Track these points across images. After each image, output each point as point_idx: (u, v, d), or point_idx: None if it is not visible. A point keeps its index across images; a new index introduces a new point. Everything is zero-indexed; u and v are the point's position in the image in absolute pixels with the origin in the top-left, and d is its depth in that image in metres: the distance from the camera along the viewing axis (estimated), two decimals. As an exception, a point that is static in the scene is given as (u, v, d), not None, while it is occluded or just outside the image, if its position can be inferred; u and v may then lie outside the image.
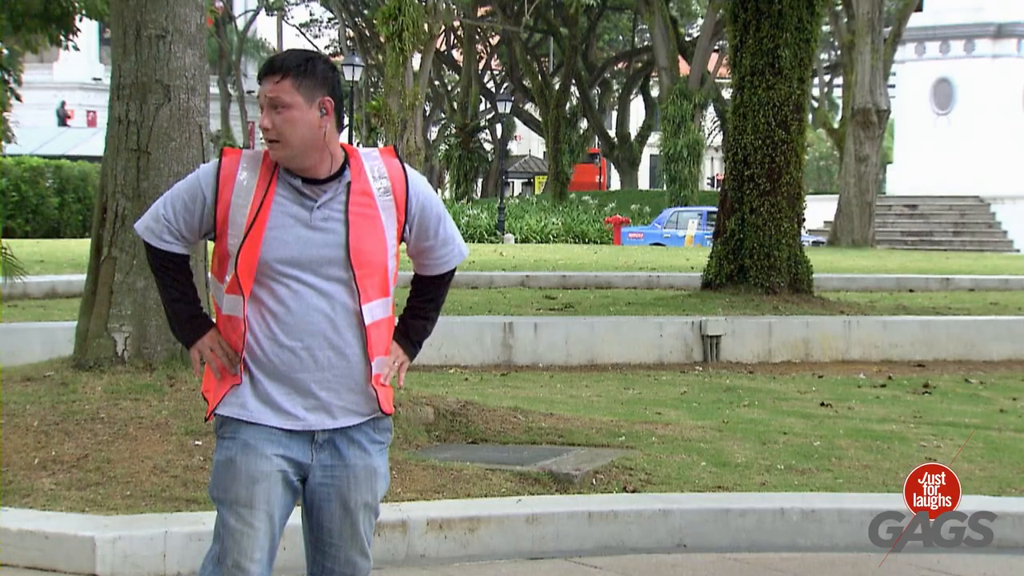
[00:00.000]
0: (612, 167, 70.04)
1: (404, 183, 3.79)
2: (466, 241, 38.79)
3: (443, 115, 68.08)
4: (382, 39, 40.46)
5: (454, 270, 3.95)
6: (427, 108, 58.98)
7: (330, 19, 67.04)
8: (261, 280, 3.65)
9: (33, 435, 6.65)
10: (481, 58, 63.52)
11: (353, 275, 3.67)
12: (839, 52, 49.16)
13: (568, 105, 55.98)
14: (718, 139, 64.75)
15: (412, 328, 3.91)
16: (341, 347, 3.69)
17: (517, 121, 67.34)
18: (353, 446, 3.76)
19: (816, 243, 36.10)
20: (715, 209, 38.90)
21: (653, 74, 57.98)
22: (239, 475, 3.66)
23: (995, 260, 30.00)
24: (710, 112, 59.46)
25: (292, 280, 3.65)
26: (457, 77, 63.43)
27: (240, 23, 64.88)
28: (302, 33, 70.90)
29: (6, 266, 9.80)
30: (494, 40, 63.13)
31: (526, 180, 78.42)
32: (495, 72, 69.17)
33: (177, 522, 5.75)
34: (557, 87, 55.53)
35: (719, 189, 19.60)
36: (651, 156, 73.72)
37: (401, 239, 3.82)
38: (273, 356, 3.67)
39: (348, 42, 58.13)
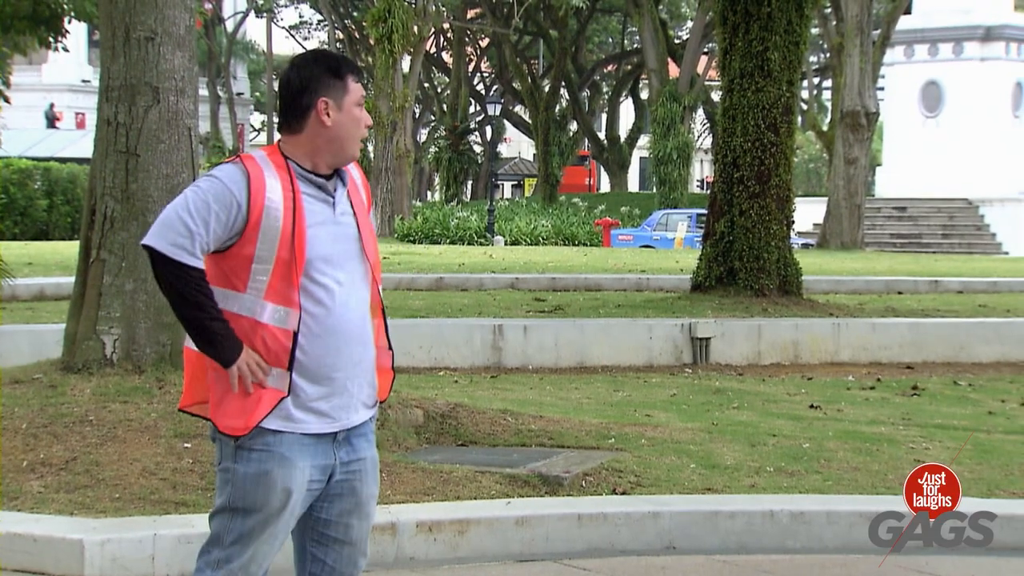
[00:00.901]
0: (602, 169, 70.06)
1: (364, 178, 3.90)
2: (456, 243, 38.71)
3: (433, 117, 68.07)
4: (372, 41, 40.46)
5: None
6: (417, 110, 58.98)
7: (319, 21, 66.99)
8: (303, 281, 3.64)
9: (21, 438, 6.64)
10: (471, 60, 63.54)
11: (369, 266, 3.77)
12: (828, 55, 49.23)
13: (558, 107, 55.99)
14: (707, 141, 64.86)
15: None
16: (366, 340, 3.76)
17: (507, 123, 67.35)
18: (361, 438, 3.81)
19: (805, 245, 36.15)
20: (704, 211, 38.99)
21: (643, 76, 58.01)
22: (274, 488, 3.64)
23: (984, 262, 30.06)
24: (699, 114, 59.57)
25: (328, 278, 3.67)
26: (447, 79, 63.43)
27: (229, 25, 64.82)
28: (291, 35, 70.89)
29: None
30: (484, 42, 63.14)
31: (516, 182, 78.43)
32: (485, 74, 69.19)
33: (166, 525, 5.74)
34: (547, 89, 55.55)
35: (708, 191, 19.63)
36: (641, 158, 73.80)
37: None
38: (315, 359, 3.65)
39: (338, 44, 58.09)
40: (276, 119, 3.89)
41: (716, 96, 49.61)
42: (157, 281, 3.66)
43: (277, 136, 3.85)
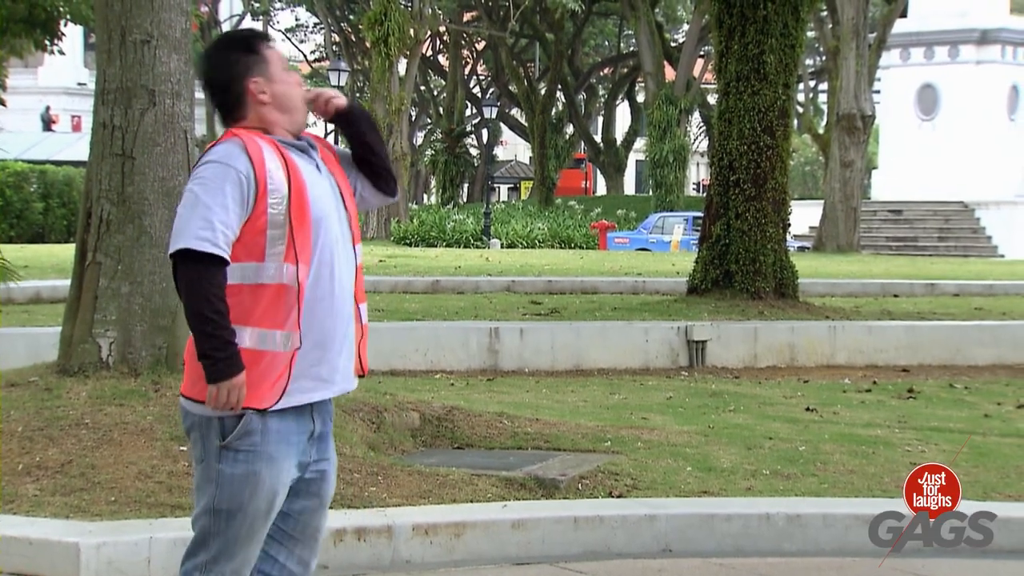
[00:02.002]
0: (598, 172, 70.09)
1: (324, 139, 3.94)
2: (452, 246, 38.72)
3: (429, 120, 68.08)
4: (368, 44, 40.46)
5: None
6: (413, 113, 58.99)
7: (316, 24, 67.00)
8: (312, 240, 3.65)
9: (17, 441, 6.63)
10: (467, 63, 63.54)
11: (348, 218, 3.79)
12: (824, 58, 49.29)
13: (554, 110, 56.01)
14: (704, 144, 64.91)
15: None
16: (353, 294, 3.80)
17: (503, 126, 67.35)
18: (328, 438, 3.84)
19: (801, 248, 36.17)
20: (701, 214, 39.01)
21: (639, 79, 58.04)
22: (262, 489, 3.64)
23: (979, 265, 30.09)
24: (696, 117, 59.59)
25: (328, 235, 3.70)
26: (443, 82, 63.43)
27: (225, 28, 64.83)
28: (288, 38, 70.86)
29: (0, 270, 9.79)
30: (480, 45, 63.16)
31: (512, 185, 78.44)
32: (481, 77, 69.20)
33: (162, 528, 5.73)
34: (543, 92, 55.57)
35: (705, 194, 19.63)
36: (637, 161, 73.81)
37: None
38: (315, 320, 3.66)
39: (334, 47, 58.09)
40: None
41: (712, 99, 49.62)
42: (179, 284, 3.58)
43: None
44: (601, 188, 72.37)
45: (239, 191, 3.58)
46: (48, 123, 54.24)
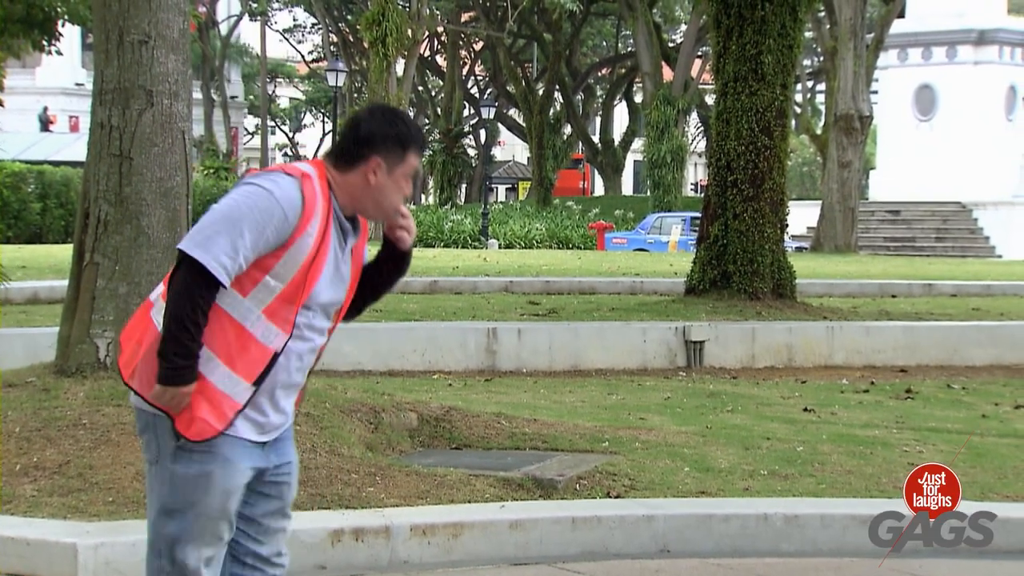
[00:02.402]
0: (596, 173, 70.09)
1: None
2: (450, 246, 38.71)
3: (427, 120, 68.07)
4: (366, 44, 40.46)
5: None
6: (411, 113, 58.91)
7: (313, 24, 67.02)
8: (299, 313, 3.68)
9: (15, 441, 6.63)
10: (465, 64, 63.55)
11: (339, 313, 3.85)
12: (822, 58, 49.32)
13: (552, 111, 56.01)
14: (701, 145, 64.91)
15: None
16: (309, 369, 3.85)
17: (501, 126, 67.38)
18: (287, 441, 3.86)
19: (799, 249, 36.19)
20: (698, 215, 39.02)
21: (637, 80, 58.06)
22: (213, 488, 3.64)
23: (977, 265, 30.11)
24: (693, 118, 59.60)
25: (313, 317, 3.73)
26: (441, 82, 63.44)
27: (223, 28, 64.79)
28: (285, 38, 70.91)
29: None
30: (478, 46, 63.17)
31: (510, 185, 78.45)
32: (479, 77, 69.22)
33: (160, 528, 5.73)
34: (541, 93, 55.58)
35: (703, 195, 19.64)
36: (635, 162, 73.84)
37: None
38: (276, 384, 3.71)
39: (331, 47, 58.10)
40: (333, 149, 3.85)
41: (710, 99, 49.64)
42: (175, 283, 3.57)
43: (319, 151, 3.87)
44: (599, 188, 72.39)
45: (275, 238, 3.59)
46: (46, 123, 54.20)
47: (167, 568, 3.69)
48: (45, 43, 18.27)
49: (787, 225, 16.30)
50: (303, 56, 71.95)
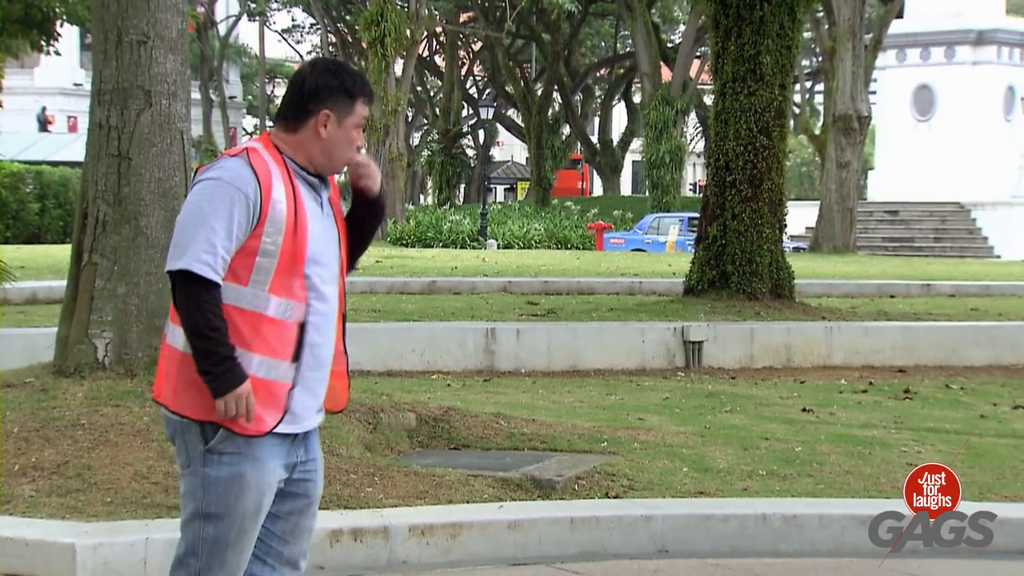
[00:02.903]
0: (594, 173, 70.10)
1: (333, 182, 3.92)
2: (448, 247, 38.67)
3: (425, 121, 68.09)
4: (364, 45, 40.45)
5: None
6: (409, 114, 58.98)
7: (312, 24, 66.98)
8: (299, 281, 3.65)
9: (13, 441, 6.62)
10: (463, 64, 63.52)
11: (341, 268, 3.80)
12: (820, 58, 49.33)
13: (550, 111, 56.00)
14: (700, 145, 64.87)
15: None
16: (335, 340, 3.78)
17: (499, 127, 67.34)
18: (314, 438, 3.84)
19: (797, 249, 36.18)
20: (696, 215, 38.98)
21: (635, 80, 58.04)
22: (248, 491, 3.63)
23: (976, 266, 30.11)
24: (692, 118, 59.56)
25: (319, 276, 3.69)
26: (439, 83, 63.43)
27: (222, 28, 64.77)
28: (284, 39, 70.84)
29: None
30: (476, 46, 63.14)
31: (508, 186, 78.45)
32: (477, 78, 69.19)
33: (158, 529, 5.73)
34: (539, 93, 55.56)
35: (701, 195, 19.64)
36: (633, 162, 73.83)
37: None
38: (309, 359, 3.68)
39: (330, 47, 58.08)
40: (275, 112, 3.88)
41: (709, 100, 49.65)
42: (178, 301, 3.58)
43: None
44: (598, 189, 72.39)
45: (245, 217, 3.59)
46: (44, 124, 54.18)
47: (187, 572, 3.68)
48: (44, 43, 18.28)
49: (786, 225, 16.30)
50: (302, 56, 71.87)
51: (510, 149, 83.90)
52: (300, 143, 3.72)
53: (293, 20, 69.71)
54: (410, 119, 61.92)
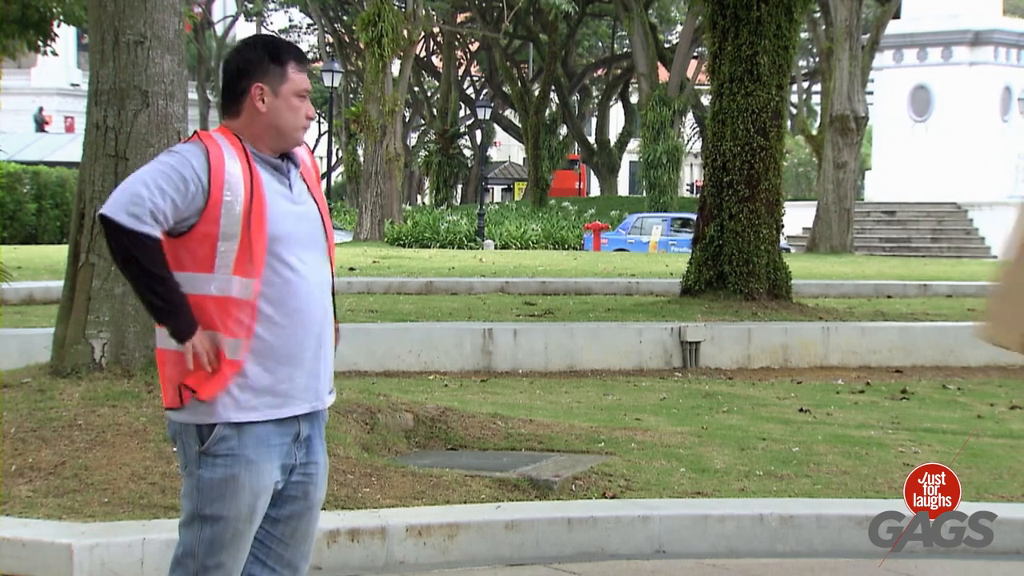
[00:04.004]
0: (592, 173, 70.12)
1: (313, 160, 3.89)
2: (446, 247, 38.68)
3: (423, 121, 68.06)
4: (361, 45, 40.43)
5: None
6: (407, 114, 58.94)
7: (309, 25, 66.97)
8: (267, 259, 3.62)
9: (10, 442, 6.62)
10: (461, 64, 63.53)
11: (327, 246, 3.77)
12: (817, 59, 49.32)
13: (548, 111, 56.01)
14: (697, 145, 64.89)
15: None
16: (329, 321, 3.77)
17: (497, 127, 67.35)
18: (317, 440, 3.81)
19: (786, 250, 36.18)
20: (680, 215, 38.98)
21: (632, 80, 58.10)
22: (241, 492, 3.63)
23: (973, 266, 30.12)
24: (689, 118, 59.62)
25: (293, 257, 3.66)
26: (437, 83, 63.42)
27: (219, 29, 64.77)
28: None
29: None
30: (474, 46, 63.15)
31: (506, 186, 78.45)
32: (475, 78, 69.18)
33: (155, 529, 5.73)
34: (537, 93, 55.56)
35: (698, 195, 19.65)
36: (630, 162, 73.82)
37: None
38: (280, 337, 3.64)
39: (327, 48, 58.06)
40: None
41: (706, 100, 49.66)
42: (112, 254, 3.60)
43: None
44: (595, 189, 72.40)
45: (185, 186, 3.56)
46: (41, 124, 54.18)
47: (184, 572, 3.68)
48: (41, 44, 18.26)
49: (783, 226, 16.30)
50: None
51: (507, 149, 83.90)
52: (246, 126, 3.70)
53: (290, 20, 69.71)
54: (407, 119, 61.91)
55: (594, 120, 65.75)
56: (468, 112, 63.55)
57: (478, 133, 61.56)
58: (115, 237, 3.55)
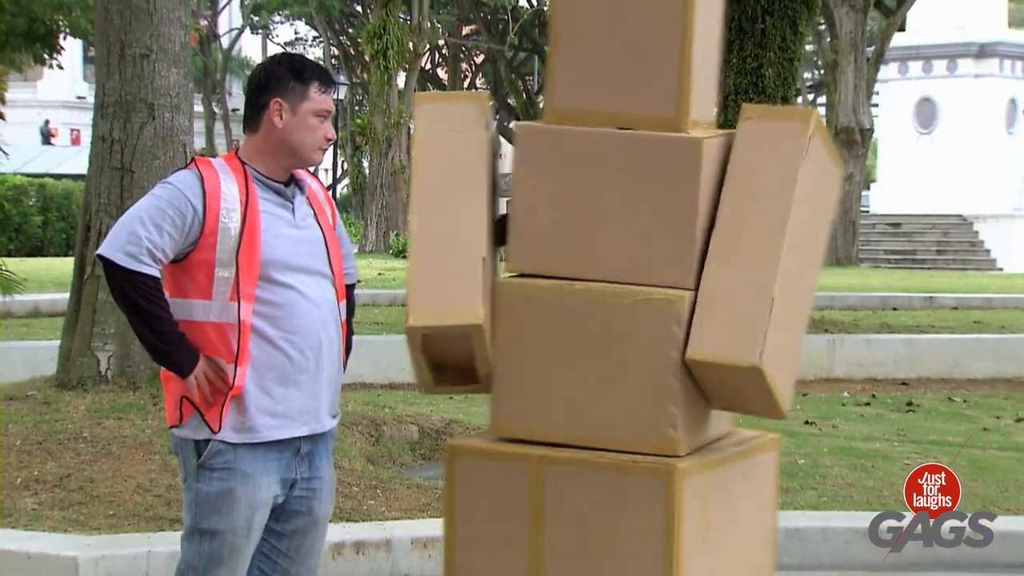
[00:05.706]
0: (597, 186, 70.06)
1: (324, 190, 3.88)
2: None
3: (428, 134, 68.04)
4: (367, 58, 40.52)
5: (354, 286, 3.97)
6: (412, 126, 59.02)
7: (315, 37, 67.10)
8: (260, 283, 3.61)
9: (16, 454, 6.63)
10: (466, 77, 63.65)
11: (332, 273, 3.75)
12: (822, 71, 49.37)
13: (553, 124, 56.02)
14: (702, 158, 64.90)
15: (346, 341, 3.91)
16: (334, 344, 3.74)
17: (503, 139, 67.38)
18: (322, 455, 3.79)
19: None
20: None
21: (637, 93, 57.94)
22: (238, 506, 3.62)
23: (978, 278, 30.10)
24: (694, 131, 59.61)
25: (289, 280, 3.64)
26: (442, 96, 63.46)
27: (225, 41, 64.91)
28: (287, 52, 70.92)
29: (4, 283, 9.80)
30: (479, 59, 63.27)
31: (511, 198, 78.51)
32: (480, 90, 69.30)
33: (160, 541, 5.73)
34: (542, 106, 55.62)
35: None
36: (636, 175, 73.85)
37: None
38: (276, 360, 3.62)
39: (333, 60, 58.19)
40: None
41: (711, 112, 49.52)
42: (111, 292, 3.64)
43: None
44: (600, 201, 72.34)
45: (182, 220, 3.57)
46: (47, 137, 54.32)
47: None
48: (47, 56, 18.33)
49: (788, 238, 16.28)
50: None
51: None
52: (261, 141, 3.69)
53: (296, 33, 69.85)
54: (412, 132, 62.00)
55: (599, 132, 65.77)
56: (473, 124, 63.51)
57: (483, 145, 61.52)
58: (112, 277, 3.58)
